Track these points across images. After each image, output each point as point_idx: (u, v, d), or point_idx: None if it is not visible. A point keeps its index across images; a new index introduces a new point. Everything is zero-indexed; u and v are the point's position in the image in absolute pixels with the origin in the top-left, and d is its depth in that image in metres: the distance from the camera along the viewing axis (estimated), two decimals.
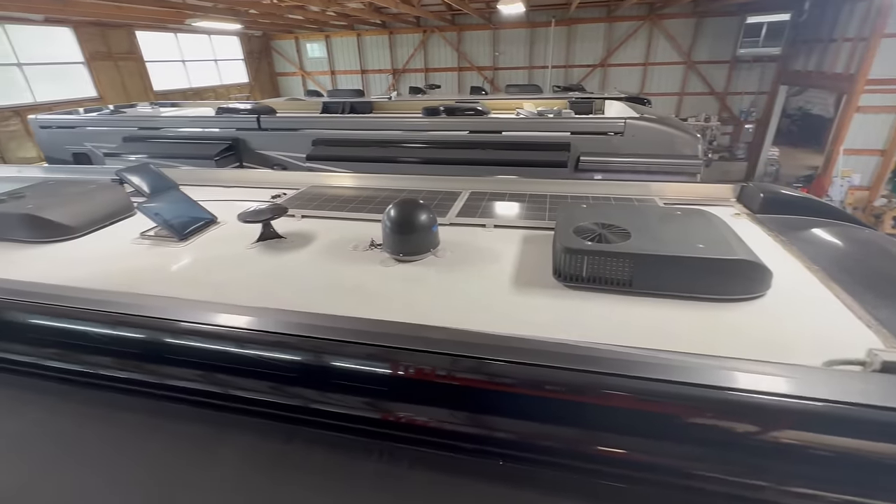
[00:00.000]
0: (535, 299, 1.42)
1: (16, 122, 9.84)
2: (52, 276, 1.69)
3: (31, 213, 2.04)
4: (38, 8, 8.77)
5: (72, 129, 6.54)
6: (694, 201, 2.27)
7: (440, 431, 1.03)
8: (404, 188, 2.58)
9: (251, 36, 17.28)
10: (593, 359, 1.01)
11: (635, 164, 4.12)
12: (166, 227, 2.00)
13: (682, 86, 15.07)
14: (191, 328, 1.23)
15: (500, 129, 4.71)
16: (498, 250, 1.78)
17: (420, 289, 1.52)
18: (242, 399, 1.18)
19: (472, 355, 1.02)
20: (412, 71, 17.49)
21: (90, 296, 1.39)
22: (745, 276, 1.35)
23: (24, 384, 1.35)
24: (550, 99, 7.05)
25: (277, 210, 1.92)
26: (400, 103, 7.16)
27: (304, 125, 5.42)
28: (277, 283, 1.63)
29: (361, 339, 1.14)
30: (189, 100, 12.02)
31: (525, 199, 2.29)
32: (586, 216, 1.64)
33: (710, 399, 0.92)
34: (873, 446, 0.82)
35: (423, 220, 1.68)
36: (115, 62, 12.06)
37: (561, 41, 15.30)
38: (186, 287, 1.64)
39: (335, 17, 13.44)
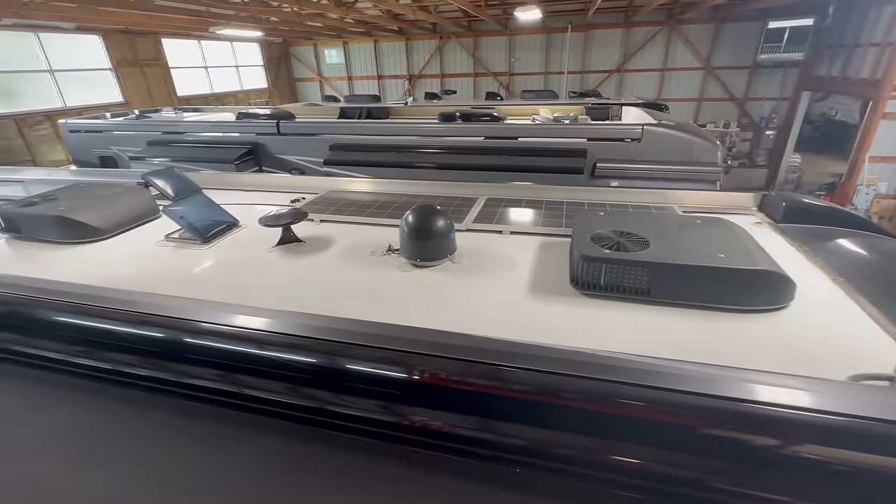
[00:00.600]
0: (553, 306, 1.42)
1: (46, 126, 10.20)
2: (81, 276, 1.76)
3: (63, 214, 2.11)
4: (71, 17, 9.11)
5: (99, 133, 6.75)
6: (714, 210, 2.24)
7: (457, 437, 1.04)
8: (421, 194, 2.61)
9: (271, 43, 17.63)
10: (612, 368, 1.01)
11: (653, 171, 4.08)
12: (190, 230, 2.06)
13: (701, 91, 14.85)
14: (214, 329, 1.26)
15: (516, 134, 4.71)
16: (514, 257, 1.78)
17: (437, 294, 1.54)
18: (263, 400, 1.21)
19: (490, 362, 1.03)
20: (428, 77, 17.61)
21: (118, 296, 1.44)
22: (768, 287, 1.33)
23: (55, 381, 1.40)
24: (566, 105, 7.02)
25: (297, 215, 1.96)
26: (416, 109, 7.22)
27: (321, 130, 5.50)
28: (297, 286, 1.66)
29: (378, 343, 1.15)
30: (211, 105, 12.32)
31: (541, 206, 2.29)
32: (604, 224, 1.64)
33: (729, 411, 0.91)
34: None
35: (441, 226, 1.70)
36: (141, 68, 12.43)
37: (577, 47, 15.24)
38: (209, 289, 1.68)
39: (353, 24, 13.63)
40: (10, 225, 2.20)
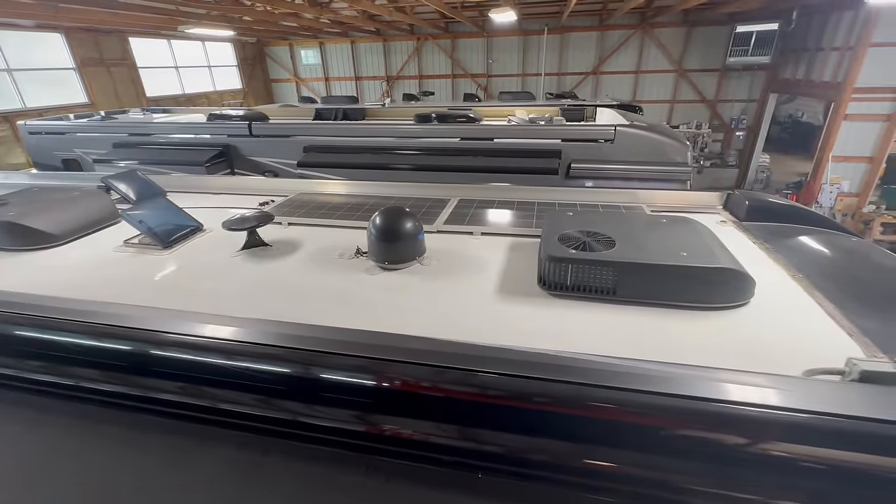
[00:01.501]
0: (520, 308, 1.42)
1: (5, 128, 9.76)
2: (33, 285, 1.67)
3: (12, 220, 2.01)
4: (29, 14, 8.73)
5: (61, 136, 6.49)
6: (681, 209, 2.28)
7: (418, 443, 1.01)
8: (393, 195, 2.58)
9: (245, 42, 17.30)
10: (576, 369, 1.01)
11: (626, 171, 4.15)
12: (150, 235, 1.98)
13: (674, 93, 15.25)
14: (171, 339, 1.21)
15: (491, 136, 4.73)
16: (484, 258, 1.77)
17: (404, 297, 1.51)
18: (222, 411, 1.16)
19: (455, 366, 1.01)
20: (406, 78, 17.57)
21: (69, 305, 1.36)
22: (728, 285, 1.35)
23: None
24: (543, 106, 7.09)
25: (263, 218, 1.91)
26: (393, 110, 7.18)
27: (295, 132, 5.41)
28: (261, 291, 1.62)
29: (343, 349, 1.12)
30: (182, 106, 11.99)
31: (513, 207, 2.29)
32: (572, 224, 1.64)
33: (691, 410, 0.91)
34: (850, 456, 0.81)
35: (409, 228, 1.67)
36: (107, 68, 12.02)
37: (553, 49, 15.46)
38: (169, 296, 1.61)
39: (329, 25, 13.49)
40: None
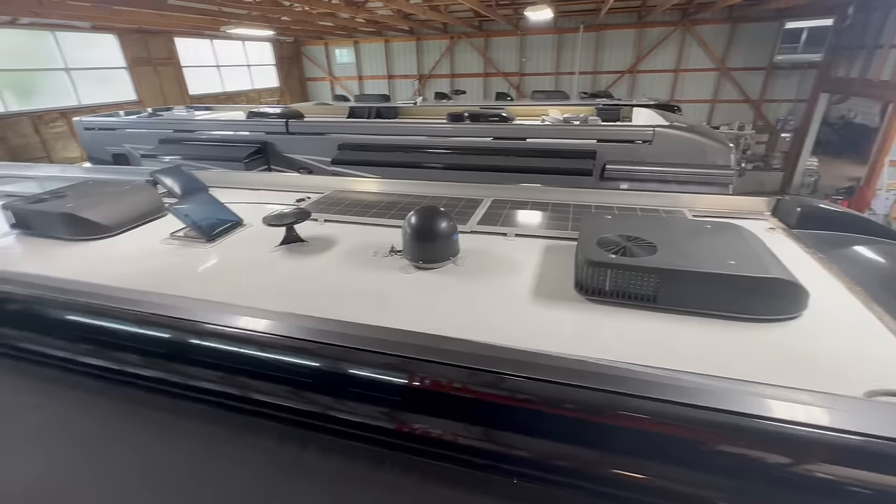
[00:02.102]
0: (556, 312, 1.39)
1: (62, 124, 10.39)
2: (87, 274, 1.76)
3: (71, 212, 2.13)
4: (86, 16, 9.26)
5: (112, 131, 6.85)
6: (725, 214, 2.19)
7: (453, 445, 1.01)
8: (427, 195, 2.59)
9: (283, 42, 17.76)
10: (616, 378, 0.98)
11: (664, 173, 4.01)
12: (195, 229, 2.06)
13: (715, 93, 14.65)
14: (212, 330, 1.25)
15: (524, 135, 4.68)
16: (519, 260, 1.75)
17: (438, 297, 1.51)
18: (259, 402, 1.19)
19: (490, 369, 1.00)
20: (438, 76, 17.61)
21: (119, 294, 1.44)
22: (780, 296, 1.29)
23: (55, 378, 1.40)
24: (577, 105, 6.96)
25: (301, 214, 1.95)
26: (425, 109, 7.21)
27: (330, 130, 5.52)
28: (298, 286, 1.65)
29: (377, 347, 1.13)
30: (222, 104, 12.43)
31: (548, 208, 2.26)
32: (611, 227, 1.60)
33: (736, 426, 0.87)
34: None
35: (444, 228, 1.67)
36: (154, 67, 12.61)
37: (589, 47, 15.13)
38: (211, 288, 1.67)
39: (364, 24, 13.68)
40: (21, 221, 2.23)
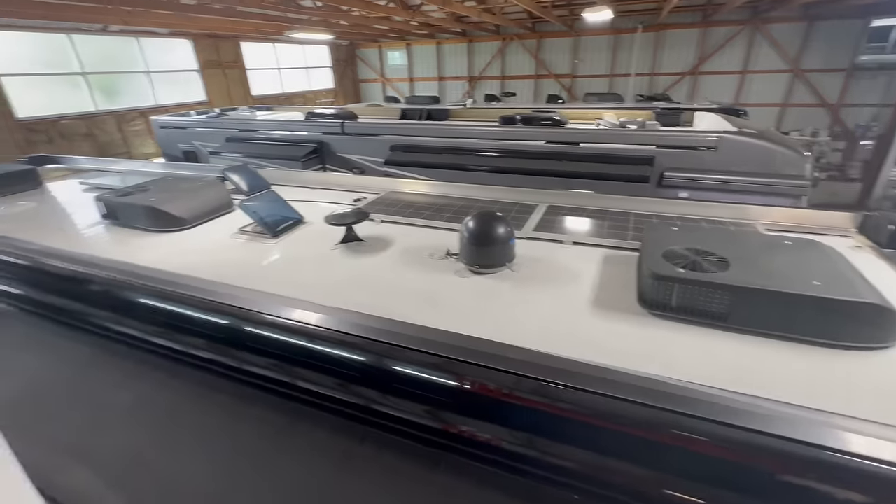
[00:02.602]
0: (617, 325, 1.35)
1: (140, 123, 11.32)
2: (165, 263, 1.90)
3: (153, 205, 2.32)
4: (166, 23, 10.05)
5: (184, 130, 7.38)
6: (802, 229, 2.03)
7: (512, 454, 1.01)
8: (480, 198, 2.59)
9: (339, 45, 18.40)
10: (685, 399, 0.94)
11: (730, 183, 3.78)
12: (261, 224, 2.18)
13: (786, 96, 13.64)
14: (275, 322, 1.32)
15: (578, 139, 4.57)
16: (577, 269, 1.72)
17: (495, 303, 1.51)
18: (316, 394, 1.24)
19: (553, 381, 0.99)
20: (488, 78, 17.57)
21: (194, 283, 1.54)
22: (871, 322, 1.18)
23: (139, 358, 1.53)
24: (633, 109, 6.71)
25: (360, 215, 2.01)
26: (475, 111, 7.23)
27: (383, 131, 5.65)
28: (356, 284, 1.71)
29: (433, 349, 1.15)
30: (281, 104, 13.07)
31: (606, 217, 2.20)
32: (677, 239, 1.53)
33: (815, 460, 0.81)
34: None
35: (502, 233, 1.67)
36: (222, 70, 13.46)
37: (647, 48, 14.55)
38: (275, 282, 1.76)
39: (417, 27, 13.90)
40: (111, 212, 2.45)
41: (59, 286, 1.74)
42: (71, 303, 1.72)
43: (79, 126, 10.25)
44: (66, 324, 1.73)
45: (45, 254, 1.85)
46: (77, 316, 1.71)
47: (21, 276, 1.84)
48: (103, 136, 10.70)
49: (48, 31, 9.47)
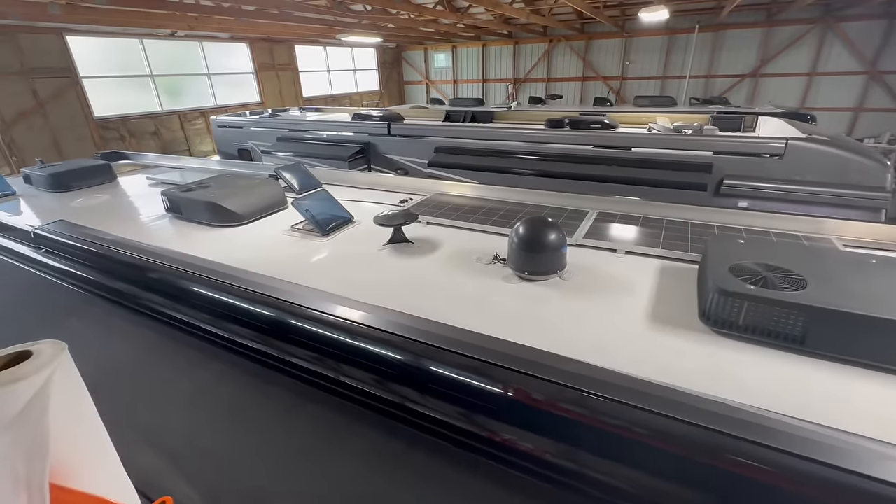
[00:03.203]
0: (677, 341, 1.28)
1: (200, 122, 12.02)
2: (223, 256, 1.99)
3: (214, 201, 2.44)
4: (227, 28, 10.62)
5: (239, 129, 7.75)
6: (885, 246, 1.86)
7: (569, 471, 0.97)
8: (528, 202, 2.55)
9: (386, 48, 18.76)
10: (754, 426, 0.88)
11: (798, 193, 3.52)
12: (313, 223, 2.24)
13: (861, 99, 12.58)
14: (329, 320, 1.34)
15: (629, 144, 4.41)
16: (630, 280, 1.65)
17: (545, 311, 1.47)
18: (370, 395, 1.25)
19: (613, 398, 0.95)
20: (533, 80, 17.34)
21: (251, 278, 1.60)
22: None
23: (199, 347, 1.61)
24: (688, 113, 6.41)
25: (409, 216, 2.03)
26: (519, 113, 7.14)
27: (428, 133, 5.69)
28: (404, 285, 1.71)
29: (485, 356, 1.13)
30: (330, 105, 13.47)
31: (661, 226, 2.10)
32: (744, 253, 1.43)
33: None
34: None
35: (553, 240, 1.63)
36: (276, 72, 14.06)
37: (704, 49, 13.85)
38: (326, 279, 1.80)
39: (464, 29, 13.94)
40: (174, 206, 2.60)
41: (129, 274, 1.87)
42: (139, 290, 1.84)
43: (147, 124, 11.02)
44: (135, 310, 1.85)
45: (117, 244, 1.99)
46: (144, 303, 1.82)
47: (97, 263, 1.99)
48: (167, 133, 11.44)
49: (125, 36, 10.25)
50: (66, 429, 0.37)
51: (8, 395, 0.34)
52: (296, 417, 1.27)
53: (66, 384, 0.39)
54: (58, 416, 0.37)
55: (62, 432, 0.37)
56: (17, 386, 0.34)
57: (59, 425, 0.36)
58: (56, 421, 0.36)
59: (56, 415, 0.36)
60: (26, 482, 0.33)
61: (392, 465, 1.09)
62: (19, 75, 8.66)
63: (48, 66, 9.07)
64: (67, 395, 0.39)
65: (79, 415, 0.42)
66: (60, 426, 0.36)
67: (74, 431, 0.39)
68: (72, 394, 0.41)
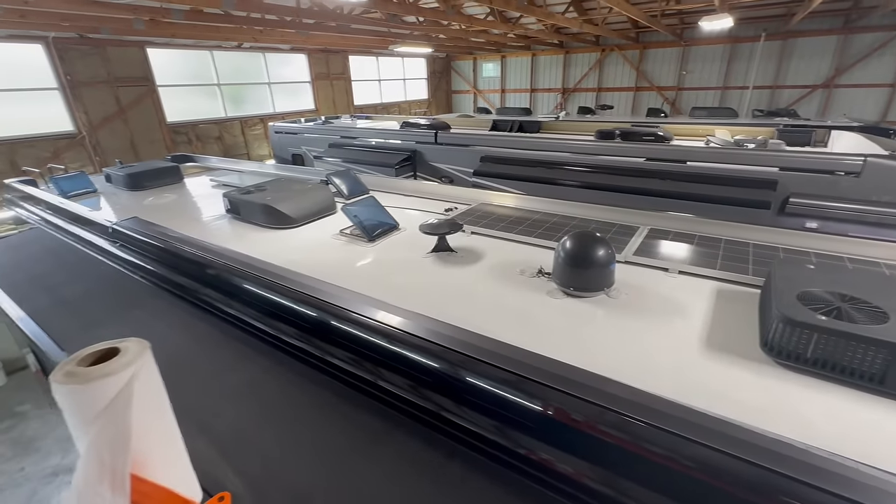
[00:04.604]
0: (733, 371, 1.20)
1: (259, 128, 12.73)
2: (276, 257, 2.09)
3: (270, 203, 2.57)
4: (288, 40, 11.23)
5: (294, 135, 8.12)
6: None
7: (608, 499, 0.93)
8: (575, 216, 2.49)
9: (436, 57, 19.10)
10: (826, 473, 0.80)
11: (876, 215, 3.22)
12: (360, 228, 2.30)
13: None
14: (374, 326, 1.36)
15: (684, 158, 4.21)
16: (683, 301, 1.56)
17: (590, 329, 1.43)
18: (412, 403, 1.26)
19: (655, 424, 0.90)
20: (583, 90, 17.02)
21: (300, 279, 1.67)
22: None
23: (248, 342, 1.69)
24: (750, 125, 6.05)
25: (454, 226, 2.04)
26: (567, 123, 7.02)
27: (474, 142, 5.71)
28: (447, 295, 1.72)
29: (525, 372, 1.11)
30: (379, 113, 13.87)
31: (719, 245, 1.98)
32: (815, 280, 1.33)
33: None
34: None
35: (601, 256, 1.58)
36: (330, 81, 14.67)
37: (770, 58, 13.05)
38: (372, 284, 1.84)
39: (514, 39, 13.94)
40: (234, 208, 2.76)
41: (190, 270, 2.00)
42: (199, 285, 1.96)
43: (212, 129, 11.82)
44: (194, 303, 1.98)
45: (182, 241, 2.13)
46: (202, 297, 1.94)
47: (164, 258, 2.15)
48: (229, 138, 12.21)
49: (197, 48, 11.08)
50: (145, 423, 0.40)
51: (99, 389, 0.37)
52: (339, 418, 1.30)
53: (148, 381, 0.43)
54: (139, 411, 0.40)
55: (142, 426, 0.40)
56: (108, 381, 0.38)
57: (139, 419, 0.40)
58: (137, 415, 0.40)
59: (137, 409, 0.40)
60: (110, 469, 0.37)
61: (429, 476, 1.09)
62: (106, 84, 9.56)
63: (130, 75, 9.95)
64: (148, 391, 0.43)
65: (157, 411, 0.45)
66: (140, 420, 0.40)
67: (152, 426, 0.43)
68: (152, 390, 0.44)
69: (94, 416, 0.36)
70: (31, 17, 6.50)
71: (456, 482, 1.07)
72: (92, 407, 0.37)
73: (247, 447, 1.23)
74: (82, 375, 0.39)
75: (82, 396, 0.38)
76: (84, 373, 0.40)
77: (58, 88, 8.90)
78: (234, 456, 1.18)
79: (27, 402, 5.11)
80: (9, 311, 2.22)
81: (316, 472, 1.14)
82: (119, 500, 0.36)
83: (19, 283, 2.51)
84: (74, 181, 3.70)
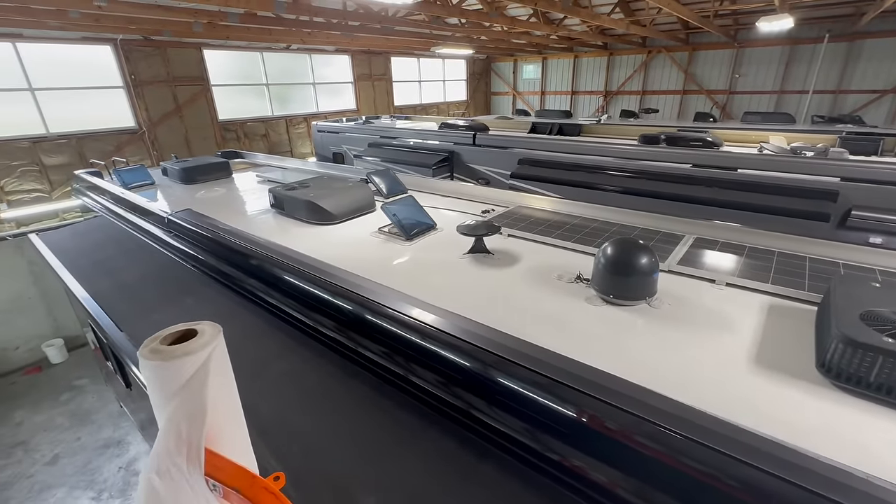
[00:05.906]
0: (789, 392, 1.14)
1: (302, 126, 13.16)
2: (317, 252, 2.15)
3: (312, 200, 2.65)
4: (333, 42, 11.55)
5: (335, 134, 8.34)
6: None
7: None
8: (616, 222, 2.43)
9: (476, 59, 19.09)
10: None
11: None
12: (398, 227, 2.34)
13: None
14: (413, 324, 1.38)
15: (735, 165, 4.01)
16: (731, 315, 1.50)
17: (629, 339, 1.39)
18: (448, 403, 1.27)
19: (694, 438, 0.87)
20: (626, 93, 16.53)
21: (341, 274, 1.71)
22: None
23: (291, 333, 1.75)
24: (809, 132, 5.69)
25: (491, 228, 2.04)
26: (609, 127, 6.84)
27: (513, 144, 5.67)
28: (483, 296, 1.72)
29: (560, 377, 1.09)
30: (418, 114, 14.02)
31: (772, 258, 1.88)
32: (880, 299, 1.24)
33: None
34: None
35: (644, 264, 1.53)
36: (371, 82, 14.96)
37: (833, 60, 12.21)
38: (409, 282, 1.86)
39: (556, 41, 13.73)
40: (279, 203, 2.87)
41: (237, 261, 2.10)
42: (244, 276, 2.05)
43: (259, 127, 12.33)
44: (239, 293, 2.08)
45: (230, 233, 2.24)
46: (248, 287, 2.03)
47: (214, 249, 2.26)
48: (275, 136, 12.69)
49: (248, 50, 11.60)
50: (217, 400, 0.44)
51: (180, 366, 0.40)
52: (377, 412, 1.33)
53: (221, 361, 0.46)
54: (212, 389, 0.43)
55: (214, 403, 0.43)
56: (188, 359, 0.41)
57: (212, 397, 0.43)
58: (211, 393, 0.43)
59: (212, 388, 0.43)
60: (187, 441, 0.40)
61: (465, 475, 1.10)
62: (165, 83, 10.17)
63: (187, 75, 10.53)
64: (221, 371, 0.46)
65: (227, 389, 0.48)
66: (213, 398, 0.43)
67: (223, 404, 0.46)
68: (224, 370, 0.48)
69: (175, 391, 0.39)
70: (103, 21, 7.02)
71: (489, 484, 1.07)
72: (173, 382, 0.40)
73: (288, 435, 1.28)
74: (166, 353, 0.43)
75: (165, 372, 0.42)
76: (167, 351, 0.43)
77: (122, 87, 9.55)
78: (275, 442, 1.23)
79: (85, 377, 5.52)
80: (75, 291, 2.40)
81: (355, 464, 1.17)
82: (194, 470, 0.39)
83: (84, 266, 2.72)
84: (135, 174, 3.96)
